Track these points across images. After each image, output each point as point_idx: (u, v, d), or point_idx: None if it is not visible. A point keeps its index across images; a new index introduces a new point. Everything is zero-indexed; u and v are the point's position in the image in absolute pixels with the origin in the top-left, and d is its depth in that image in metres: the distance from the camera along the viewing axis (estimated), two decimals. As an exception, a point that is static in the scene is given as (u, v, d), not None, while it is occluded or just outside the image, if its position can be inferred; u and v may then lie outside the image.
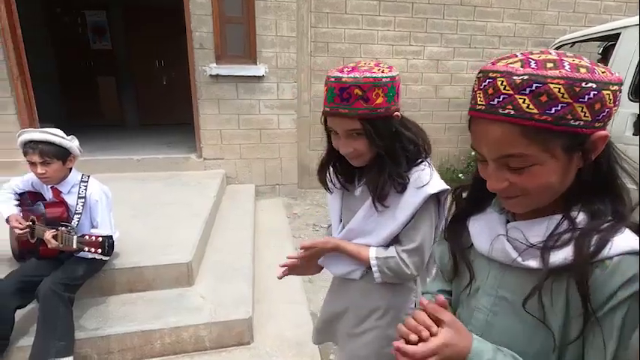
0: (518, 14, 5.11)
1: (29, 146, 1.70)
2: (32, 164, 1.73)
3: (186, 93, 7.11)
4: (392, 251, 1.00)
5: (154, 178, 3.99)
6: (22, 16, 3.86)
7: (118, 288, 2.12)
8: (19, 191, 1.98)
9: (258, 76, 4.24)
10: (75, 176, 1.90)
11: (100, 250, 1.54)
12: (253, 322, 2.03)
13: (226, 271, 2.41)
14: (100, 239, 1.55)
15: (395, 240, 1.02)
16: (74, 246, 1.58)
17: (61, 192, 1.87)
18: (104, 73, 7.43)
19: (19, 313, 1.75)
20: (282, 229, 3.69)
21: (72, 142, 1.82)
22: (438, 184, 0.95)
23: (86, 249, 1.55)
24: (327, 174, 1.10)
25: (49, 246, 1.64)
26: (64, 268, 1.78)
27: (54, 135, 1.73)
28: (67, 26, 7.03)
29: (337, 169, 1.08)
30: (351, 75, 0.87)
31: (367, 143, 0.92)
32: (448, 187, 0.95)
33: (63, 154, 1.78)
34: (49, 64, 6.74)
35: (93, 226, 1.90)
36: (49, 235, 1.65)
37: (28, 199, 1.94)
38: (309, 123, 5.00)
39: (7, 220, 2.07)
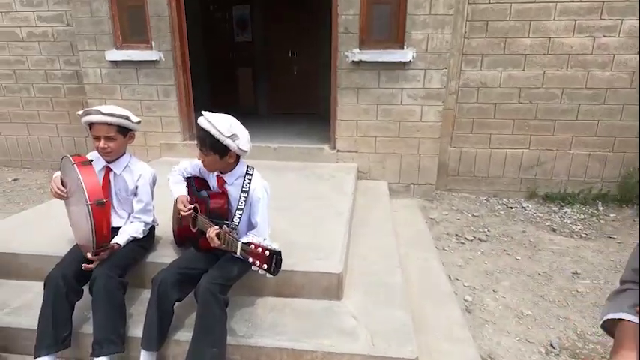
0: None
1: (197, 135, 1.59)
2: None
3: (313, 83, 7.19)
4: None
5: (288, 169, 3.91)
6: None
7: (267, 290, 1.96)
8: (186, 175, 1.95)
9: (404, 62, 3.78)
10: (241, 168, 1.76)
11: (265, 266, 1.32)
12: (417, 363, 1.63)
13: (376, 287, 2.06)
14: (268, 253, 1.32)
15: None
16: (237, 252, 1.40)
17: (225, 182, 1.75)
18: (243, 64, 7.95)
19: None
20: (423, 238, 3.21)
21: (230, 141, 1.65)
22: None
23: (250, 259, 1.35)
24: None
25: (212, 244, 1.50)
26: (220, 265, 1.65)
27: (214, 128, 1.59)
28: (217, 21, 7.64)
29: None
30: None
31: None
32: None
33: (221, 148, 1.63)
34: (200, 57, 7.44)
35: (251, 225, 1.73)
36: (212, 232, 1.51)
37: (194, 185, 1.88)
38: (453, 116, 4.35)
39: (176, 201, 2.09)
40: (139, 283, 2.00)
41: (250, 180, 1.72)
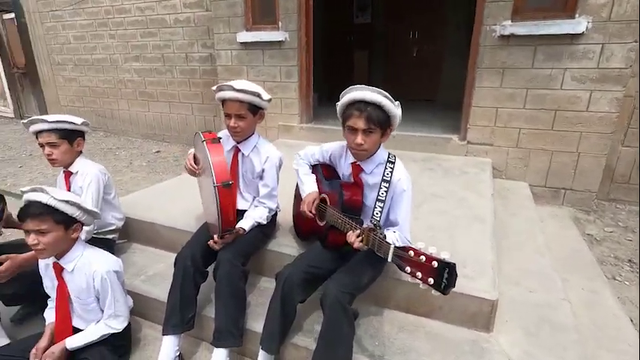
0: None
1: (356, 107, 1.34)
2: (353, 130, 1.37)
3: (434, 66, 6.52)
4: None
5: (408, 159, 3.50)
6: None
7: (394, 302, 1.66)
8: (313, 162, 1.75)
9: (572, 35, 2.98)
10: (382, 154, 1.48)
11: (431, 281, 0.99)
12: None
13: (538, 324, 1.59)
14: (436, 264, 0.98)
15: None
16: (389, 258, 1.12)
17: (362, 170, 1.48)
18: (360, 47, 7.66)
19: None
20: (583, 261, 2.51)
21: (397, 110, 1.37)
22: None
23: (407, 269, 1.05)
24: None
25: (354, 246, 1.25)
26: (351, 270, 1.40)
27: (386, 98, 1.32)
28: (338, 2, 7.46)
29: None
30: None
31: None
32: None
33: (386, 122, 1.36)
34: (317, 39, 7.39)
35: (389, 222, 1.44)
36: (352, 237, 1.26)
37: (321, 173, 1.67)
38: (632, 106, 3.35)
39: (297, 191, 1.93)
40: (257, 270, 1.92)
41: (393, 168, 1.43)
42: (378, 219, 1.33)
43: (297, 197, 1.93)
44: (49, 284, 1.58)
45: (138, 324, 1.85)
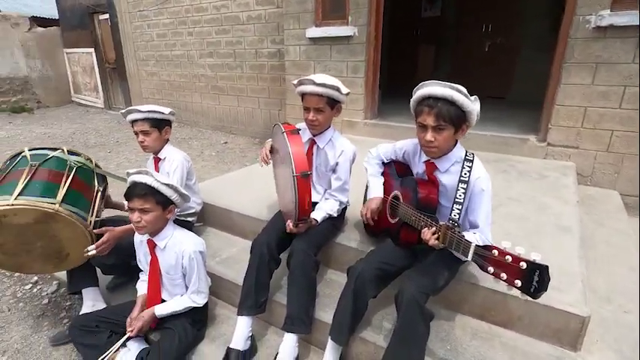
0: None
1: (426, 103, 1.30)
2: (423, 127, 1.34)
3: (507, 61, 6.08)
4: None
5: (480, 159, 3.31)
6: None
7: (467, 307, 1.60)
8: (386, 160, 1.73)
9: (688, 25, 2.60)
10: (458, 152, 1.42)
11: (518, 283, 0.93)
12: None
13: (635, 348, 1.42)
14: (525, 265, 0.91)
15: None
16: (469, 257, 1.07)
17: (436, 168, 1.44)
18: (426, 41, 7.40)
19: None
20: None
21: (474, 105, 1.31)
22: None
23: (490, 269, 1.00)
24: None
25: (429, 243, 1.22)
26: (427, 269, 1.37)
27: (458, 92, 1.27)
28: (406, -5, 7.26)
29: None
30: None
31: None
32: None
33: (460, 118, 1.30)
34: (383, 33, 7.26)
35: (468, 224, 1.38)
36: (428, 234, 1.23)
37: (395, 170, 1.64)
38: None
39: (366, 192, 1.93)
40: (324, 262, 1.95)
41: (471, 167, 1.36)
42: (456, 219, 1.27)
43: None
44: (142, 259, 1.75)
45: (212, 302, 1.98)
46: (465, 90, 1.28)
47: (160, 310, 1.64)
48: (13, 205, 1.49)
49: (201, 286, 1.67)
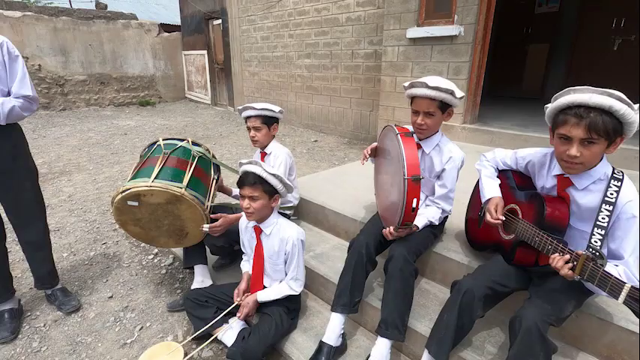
0: None
1: (574, 112, 1.14)
2: (566, 139, 1.19)
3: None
4: None
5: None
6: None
7: (591, 345, 1.39)
8: (502, 167, 1.60)
9: None
10: (604, 168, 1.23)
11: None
12: None
13: None
14: None
15: None
16: (619, 299, 0.92)
17: (571, 185, 1.27)
18: (538, 40, 6.67)
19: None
20: None
21: (636, 115, 1.12)
22: None
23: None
24: None
25: (561, 273, 1.09)
26: (551, 296, 1.22)
27: (618, 101, 1.09)
28: (517, -8, 6.64)
29: None
30: None
31: None
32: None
33: (617, 130, 1.13)
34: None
35: (609, 254, 1.19)
36: (559, 262, 1.09)
37: (513, 181, 1.51)
38: None
39: (473, 195, 1.81)
40: (419, 270, 1.87)
41: (619, 187, 1.17)
42: (598, 247, 1.10)
43: (473, 201, 1.80)
44: (246, 243, 1.90)
45: (304, 295, 2.06)
46: (625, 97, 1.10)
47: (262, 296, 1.76)
48: (150, 186, 1.73)
49: (299, 274, 1.75)
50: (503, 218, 1.43)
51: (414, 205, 1.43)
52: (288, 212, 2.36)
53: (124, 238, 2.95)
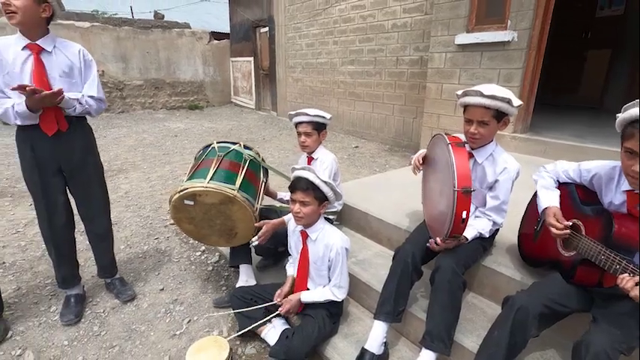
0: None
1: None
2: (633, 155, 1.12)
3: None
4: None
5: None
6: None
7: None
8: (564, 180, 1.52)
9: None
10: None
11: None
12: None
13: None
14: None
15: None
16: None
17: (642, 203, 1.19)
18: (598, 45, 6.24)
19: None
20: None
21: None
22: None
23: None
24: None
25: (630, 294, 1.02)
26: (621, 321, 1.13)
27: None
28: (578, -5, 6.28)
29: None
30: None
31: None
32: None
33: None
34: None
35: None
36: (629, 283, 1.02)
37: (576, 195, 1.43)
38: None
39: (529, 207, 1.73)
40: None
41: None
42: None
43: (528, 216, 1.72)
44: (293, 246, 1.94)
45: (346, 300, 2.06)
46: None
47: (305, 297, 1.79)
48: (206, 187, 1.83)
49: (343, 281, 1.76)
50: (569, 224, 1.35)
51: (464, 216, 1.40)
52: (331, 217, 2.39)
53: (174, 234, 3.12)
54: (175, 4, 12.27)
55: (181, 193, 1.85)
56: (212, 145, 2.16)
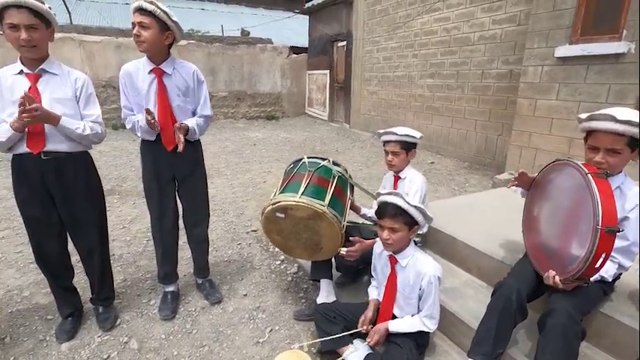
0: None
1: None
2: None
3: None
4: None
5: None
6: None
7: None
8: None
9: None
10: None
11: None
12: None
13: None
14: None
15: None
16: None
17: None
18: None
19: None
20: None
21: None
22: None
23: None
24: None
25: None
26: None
27: None
28: None
29: None
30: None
31: None
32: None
33: None
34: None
35: None
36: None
37: None
38: None
39: None
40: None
41: None
42: None
43: None
44: (379, 269, 1.90)
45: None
46: None
47: (393, 326, 1.72)
48: (298, 201, 1.87)
49: (434, 312, 1.67)
50: None
51: (602, 259, 1.23)
52: (416, 239, 2.30)
53: (255, 241, 3.27)
54: (260, 21, 13.13)
55: (274, 205, 1.92)
56: (303, 160, 2.22)
